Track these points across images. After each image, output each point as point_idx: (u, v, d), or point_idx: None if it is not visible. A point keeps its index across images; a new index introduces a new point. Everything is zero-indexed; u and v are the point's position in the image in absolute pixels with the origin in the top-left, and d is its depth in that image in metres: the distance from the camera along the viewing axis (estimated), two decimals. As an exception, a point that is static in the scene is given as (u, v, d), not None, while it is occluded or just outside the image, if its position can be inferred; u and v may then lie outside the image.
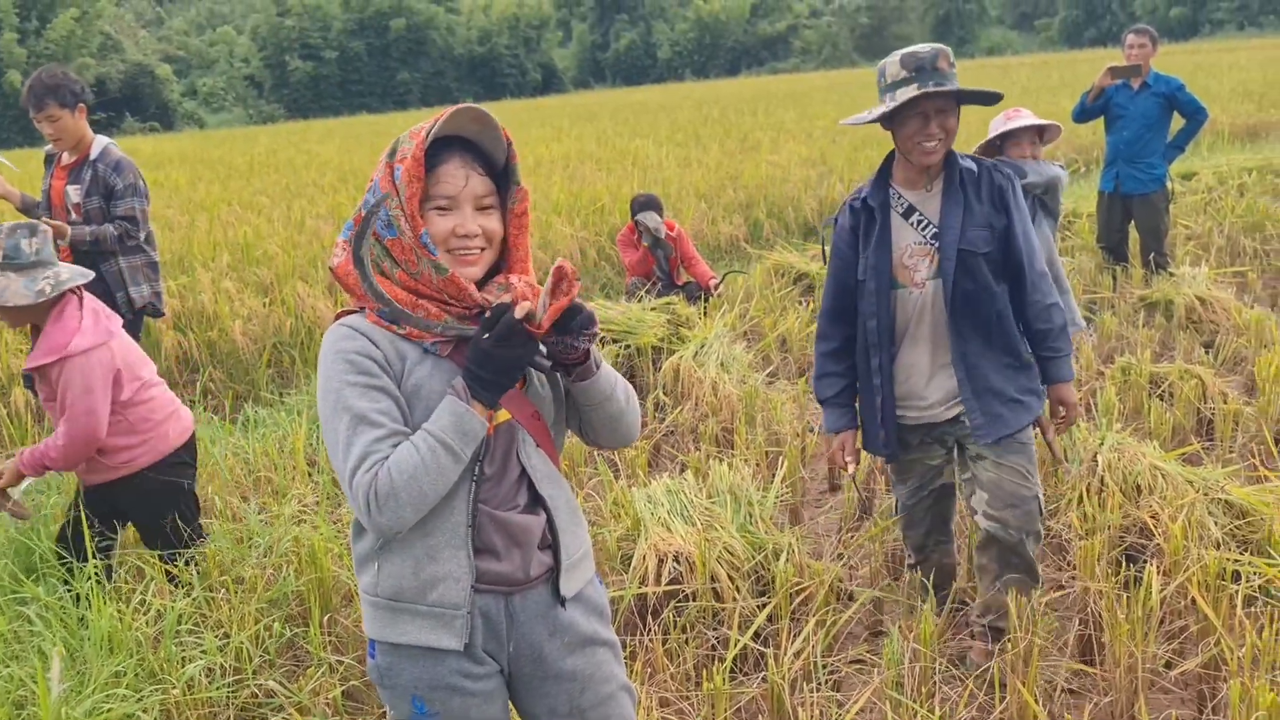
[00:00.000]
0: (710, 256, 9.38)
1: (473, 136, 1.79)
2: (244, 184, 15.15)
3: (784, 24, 79.35)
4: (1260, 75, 23.59)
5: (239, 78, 65.93)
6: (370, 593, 1.83)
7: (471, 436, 1.69)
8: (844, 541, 3.97)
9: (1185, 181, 10.43)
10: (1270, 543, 3.25)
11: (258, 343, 6.74)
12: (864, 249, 2.94)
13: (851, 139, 15.37)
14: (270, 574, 3.46)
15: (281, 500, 4.04)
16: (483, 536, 1.80)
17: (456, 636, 1.79)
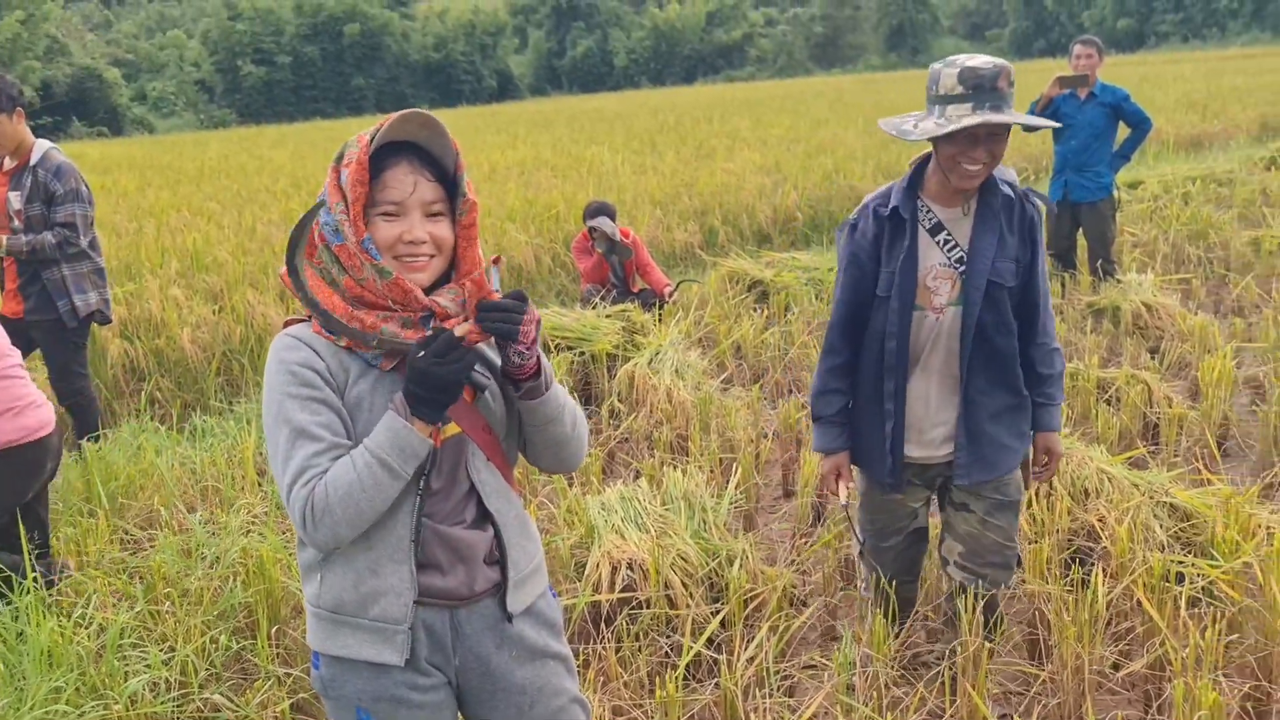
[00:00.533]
0: (665, 264, 9.39)
1: (422, 142, 1.76)
2: (194, 190, 14.94)
3: (739, 33, 79.81)
4: (1204, 86, 24.11)
5: (189, 82, 65.07)
6: (314, 603, 1.80)
7: (410, 454, 1.67)
8: (797, 547, 3.98)
9: (1131, 190, 10.61)
10: (1213, 544, 3.30)
11: (207, 351, 6.65)
12: (887, 262, 2.72)
13: (806, 146, 15.48)
14: (217, 586, 3.40)
15: (229, 511, 3.98)
16: (427, 551, 1.77)
17: (397, 652, 1.76)
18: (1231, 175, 11.43)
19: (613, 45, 79.45)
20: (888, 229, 2.73)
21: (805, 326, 6.56)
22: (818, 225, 11.12)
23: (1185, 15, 70.74)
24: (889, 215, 2.73)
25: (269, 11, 66.09)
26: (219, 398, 6.26)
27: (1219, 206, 9.94)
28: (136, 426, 5.17)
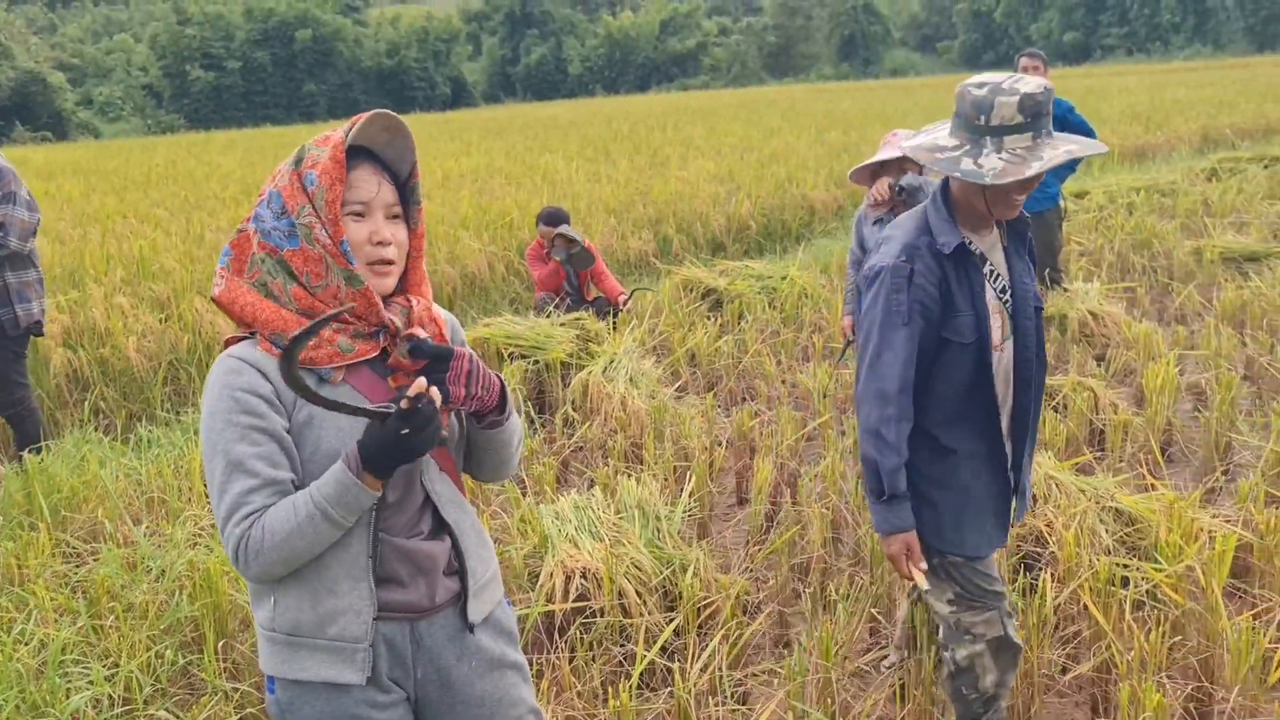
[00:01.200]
0: (620, 272, 9.40)
1: (379, 147, 1.75)
2: (141, 196, 14.70)
3: (693, 41, 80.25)
4: (1147, 99, 24.62)
5: (137, 87, 64.14)
6: (267, 628, 1.75)
7: (355, 507, 1.65)
8: (751, 554, 3.99)
9: (1078, 200, 10.80)
10: (1156, 549, 3.36)
11: (153, 360, 6.53)
12: (964, 305, 2.44)
13: (759, 155, 15.59)
14: (163, 599, 3.34)
15: (176, 523, 3.91)
16: (385, 566, 1.75)
17: (358, 671, 1.73)
18: (1174, 186, 11.68)
19: (567, 53, 79.51)
20: (951, 268, 2.45)
21: (759, 335, 6.59)
22: (771, 234, 11.19)
23: (1130, 29, 72.27)
24: (955, 253, 2.44)
25: (218, 16, 65.37)
26: (165, 408, 6.15)
27: (1162, 216, 10.15)
28: (80, 437, 5.07)
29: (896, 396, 2.44)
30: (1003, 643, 2.57)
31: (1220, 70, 41.72)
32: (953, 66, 78.42)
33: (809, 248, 10.07)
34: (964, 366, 2.47)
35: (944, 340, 2.45)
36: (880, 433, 2.43)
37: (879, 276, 2.46)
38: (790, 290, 7.45)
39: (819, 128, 20.77)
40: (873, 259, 2.52)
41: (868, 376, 2.47)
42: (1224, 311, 6.63)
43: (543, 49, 79.64)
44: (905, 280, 2.43)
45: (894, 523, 2.47)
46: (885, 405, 2.43)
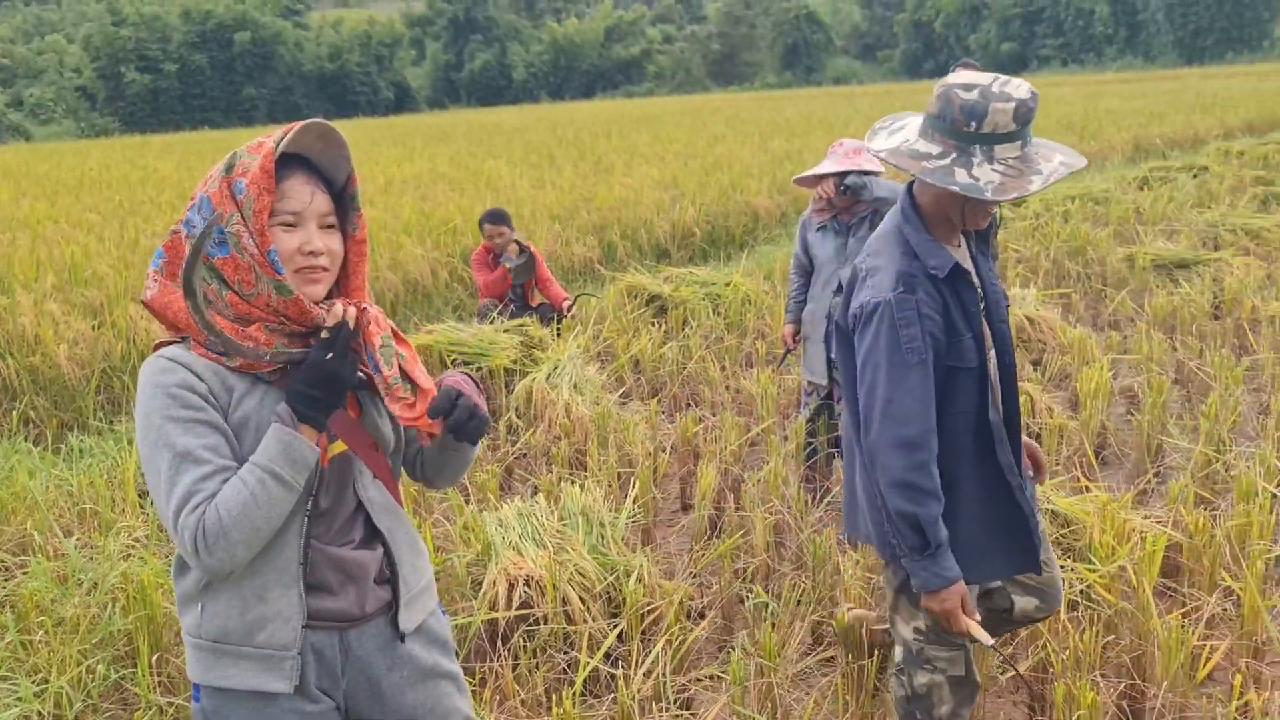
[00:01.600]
0: (564, 278, 9.38)
1: (314, 155, 1.73)
2: (73, 201, 14.38)
3: (638, 49, 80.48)
4: (1082, 109, 25.17)
5: (69, 89, 62.74)
6: (194, 634, 1.72)
7: (302, 463, 1.63)
8: (695, 559, 4.00)
9: (1014, 208, 11.00)
10: (1090, 550, 3.43)
11: (85, 368, 6.38)
12: (965, 327, 2.31)
13: (703, 162, 15.66)
14: (95, 613, 3.26)
15: (108, 534, 3.82)
16: (315, 573, 1.73)
17: (286, 679, 1.70)
18: (1107, 194, 11.95)
19: (511, 59, 79.31)
20: (948, 291, 2.31)
21: (703, 341, 6.62)
22: (715, 240, 11.24)
23: (1065, 40, 73.86)
24: (951, 274, 2.30)
25: (155, 18, 64.19)
26: (98, 417, 6.02)
27: (1096, 224, 10.38)
28: (9, 447, 4.94)
29: (923, 441, 2.24)
30: (963, 680, 2.49)
31: (1151, 82, 42.81)
32: (894, 75, 79.55)
33: (753, 254, 10.14)
34: (969, 393, 2.32)
35: (949, 369, 2.30)
36: (913, 482, 2.23)
37: (877, 313, 2.26)
38: (734, 296, 7.49)
39: (763, 135, 20.93)
40: (862, 295, 2.32)
41: (882, 425, 2.25)
42: (1155, 317, 6.79)
43: (487, 54, 79.34)
44: (913, 313, 2.24)
45: (946, 575, 2.26)
46: (912, 452, 2.23)
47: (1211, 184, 12.49)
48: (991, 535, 2.39)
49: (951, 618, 2.28)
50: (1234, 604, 3.38)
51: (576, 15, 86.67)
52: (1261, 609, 3.12)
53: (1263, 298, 6.99)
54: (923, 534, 2.24)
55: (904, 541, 2.27)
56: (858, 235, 4.25)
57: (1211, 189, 12.05)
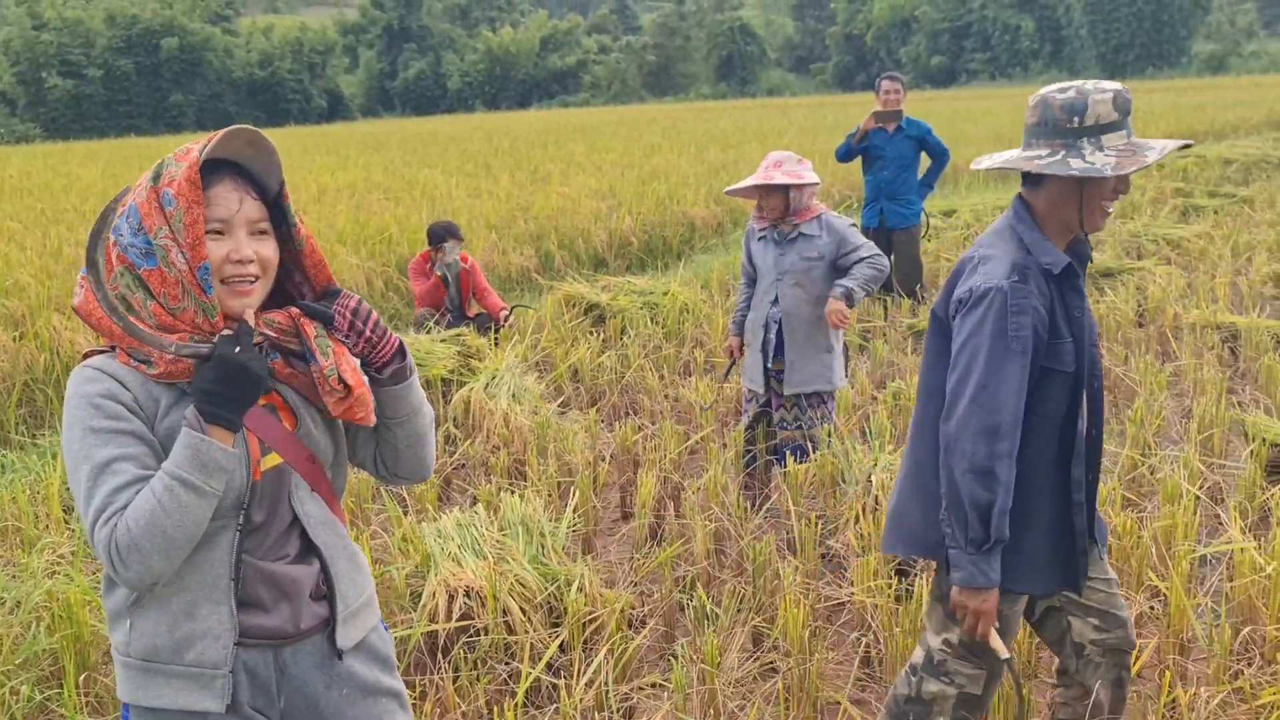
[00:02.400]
0: (501, 287, 9.34)
1: (244, 161, 1.68)
2: (-7, 209, 13.96)
3: (574, 59, 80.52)
4: (1009, 121, 25.70)
5: (-12, 94, 60.94)
6: (123, 652, 1.67)
7: (215, 467, 1.56)
8: (635, 568, 4.00)
9: (946, 218, 11.21)
10: (1024, 552, 3.49)
11: (6, 380, 6.20)
12: (1068, 329, 2.28)
13: (640, 172, 15.71)
14: (18, 632, 3.16)
15: (32, 551, 3.71)
16: (247, 589, 1.68)
17: (217, 698, 1.65)
18: (1034, 205, 12.21)
19: (446, 68, 78.85)
20: (1056, 290, 2.28)
21: (641, 350, 6.63)
22: (652, 250, 11.28)
23: (992, 55, 75.45)
24: (1064, 273, 2.28)
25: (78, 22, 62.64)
26: (20, 430, 5.84)
27: (1024, 234, 10.59)
28: (-75, 463, 4.77)
29: (1010, 431, 2.20)
30: (972, 701, 2.42)
31: (1075, 96, 43.85)
32: (826, 87, 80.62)
33: (690, 263, 10.19)
34: (1060, 398, 2.29)
35: (1044, 369, 2.26)
36: (994, 471, 2.18)
37: (987, 298, 2.22)
38: (672, 305, 7.52)
39: (699, 145, 21.06)
40: (972, 280, 2.28)
41: (970, 410, 2.21)
42: (1082, 324, 6.95)
43: (421, 63, 78.77)
44: (1026, 302, 2.21)
45: (990, 576, 2.21)
46: (996, 440, 2.19)
47: (1134, 195, 12.85)
48: (1051, 548, 2.34)
49: (983, 620, 2.23)
50: (1161, 603, 3.47)
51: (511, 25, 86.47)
52: (1187, 607, 3.20)
53: (1184, 306, 7.20)
54: (987, 527, 2.20)
55: (964, 532, 2.21)
56: (794, 247, 4.30)
57: (1134, 200, 12.40)
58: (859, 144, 7.46)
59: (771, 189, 4.25)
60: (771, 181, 4.20)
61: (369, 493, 4.48)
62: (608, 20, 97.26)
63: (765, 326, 4.37)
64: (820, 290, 4.28)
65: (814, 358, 4.32)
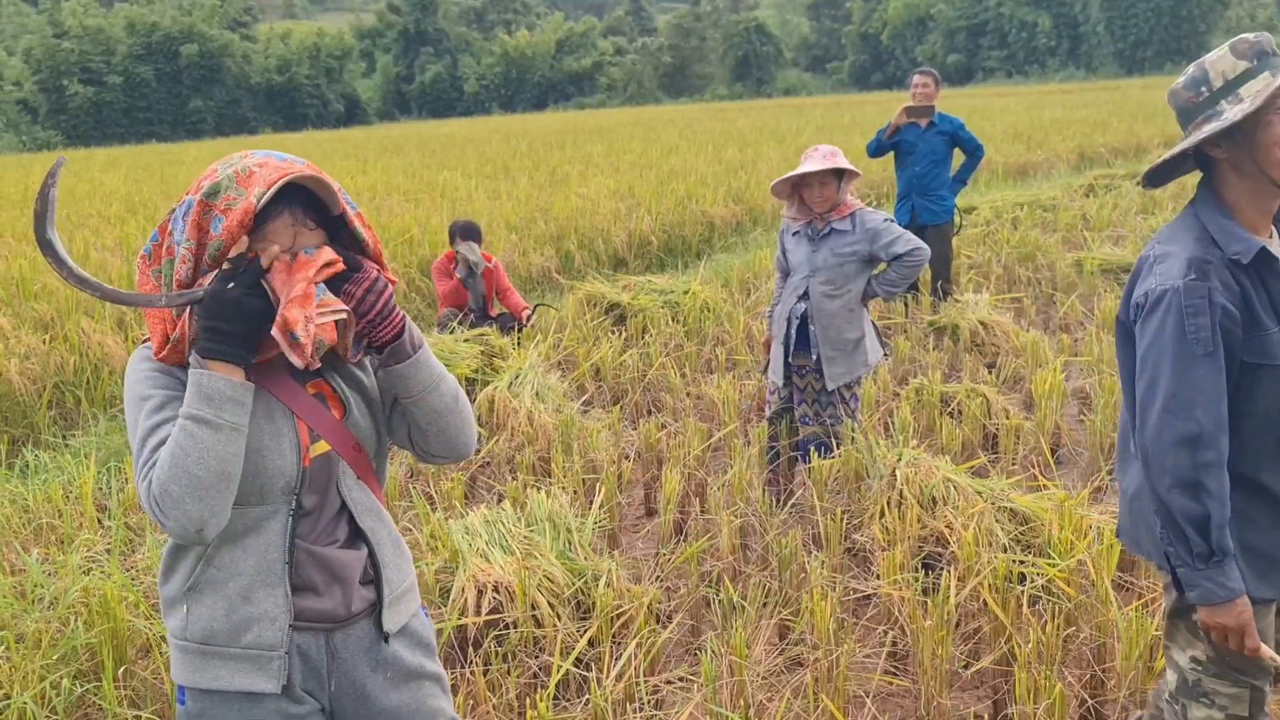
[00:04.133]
0: (522, 287, 9.39)
1: (306, 184, 1.68)
2: (17, 215, 14.11)
3: (590, 61, 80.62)
4: (1027, 118, 25.63)
5: (10, 102, 61.48)
6: (179, 636, 1.72)
7: (220, 398, 1.57)
8: (661, 564, 4.03)
9: (966, 215, 11.17)
10: (1050, 545, 3.50)
11: (37, 383, 6.28)
12: (1272, 320, 2.11)
13: (658, 172, 15.74)
14: (56, 628, 3.21)
15: (68, 549, 3.76)
16: (301, 573, 1.73)
17: (273, 679, 1.71)
18: (1055, 201, 12.19)
19: (462, 71, 79.08)
20: (1249, 280, 2.11)
21: (663, 348, 6.65)
22: (672, 249, 11.31)
23: (1009, 52, 75.10)
24: (1251, 262, 2.10)
25: (98, 30, 63.17)
26: (52, 431, 5.91)
27: (1044, 230, 10.58)
28: (-40, 464, 4.84)
29: (1212, 438, 2.04)
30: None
31: (1093, 92, 43.68)
32: (842, 86, 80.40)
33: (710, 262, 10.21)
34: (1272, 392, 2.11)
35: (1246, 365, 2.10)
36: (1200, 482, 2.03)
37: (1163, 301, 2.08)
38: (693, 304, 7.54)
39: (716, 145, 21.07)
40: (1147, 282, 2.15)
41: (1163, 421, 2.06)
42: (1105, 319, 6.94)
43: (438, 67, 79.03)
44: (1204, 301, 2.05)
45: (1231, 587, 2.04)
46: (1197, 450, 2.03)
47: (1155, 191, 12.78)
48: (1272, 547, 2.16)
49: (1241, 633, 2.06)
50: (1188, 595, 3.47)
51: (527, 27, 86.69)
52: (1215, 599, 3.20)
53: None
54: (1208, 539, 2.03)
55: (1184, 549, 2.06)
56: (826, 243, 4.31)
57: (1155, 196, 12.33)
58: (890, 139, 7.43)
59: (828, 176, 4.25)
60: (836, 166, 4.20)
61: (396, 489, 4.53)
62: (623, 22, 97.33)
63: (789, 321, 4.39)
64: (851, 286, 4.30)
65: (850, 349, 4.35)
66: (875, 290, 4.35)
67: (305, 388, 1.76)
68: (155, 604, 3.34)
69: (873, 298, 4.37)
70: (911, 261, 4.27)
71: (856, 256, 4.29)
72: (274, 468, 1.68)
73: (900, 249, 4.26)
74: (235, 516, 1.67)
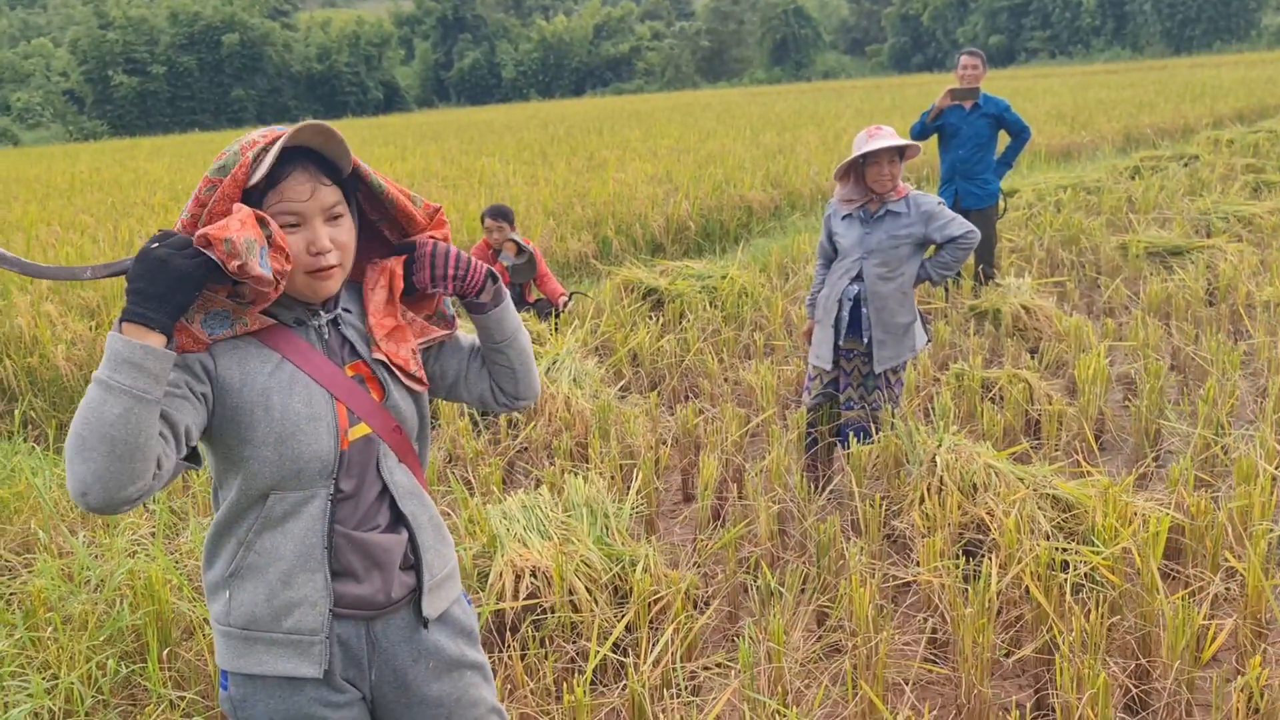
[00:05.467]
0: (560, 273, 9.39)
1: (316, 146, 1.68)
2: (65, 203, 14.34)
3: (627, 46, 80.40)
4: (1071, 100, 25.22)
5: (57, 93, 62.53)
6: (222, 622, 1.73)
7: (115, 359, 1.46)
8: (698, 549, 4.02)
9: (1007, 198, 11.03)
10: (1094, 533, 3.45)
11: (83, 369, 6.38)
12: None
13: (696, 157, 15.67)
14: (102, 609, 3.26)
15: (113, 532, 3.82)
16: (341, 559, 1.72)
17: (315, 664, 1.70)
18: (1099, 184, 11.99)
19: (500, 57, 79.18)
20: None
21: (700, 334, 6.63)
22: (709, 234, 11.26)
23: (1052, 32, 73.93)
24: None
25: (142, 20, 63.96)
26: (98, 417, 6.01)
27: (1088, 213, 10.41)
28: (9, 448, 4.93)
29: None
30: None
31: (1139, 72, 42.92)
32: (882, 69, 79.61)
33: (748, 247, 10.15)
34: None
35: None
36: None
37: None
38: (731, 289, 7.51)
39: (754, 130, 20.94)
40: None
41: None
42: (1150, 304, 6.82)
43: (476, 53, 79.20)
44: None
45: None
46: None
47: (1202, 172, 12.54)
48: None
49: None
50: (1238, 584, 3.41)
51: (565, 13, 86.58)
52: (1265, 588, 3.14)
53: (1257, 283, 7.02)
54: None
55: None
56: (882, 226, 4.27)
57: (1203, 177, 12.10)
58: (934, 122, 7.32)
59: (895, 153, 4.21)
60: (905, 143, 4.16)
61: (434, 475, 4.55)
62: (661, 6, 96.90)
63: (840, 303, 4.35)
64: (905, 269, 4.28)
65: (901, 333, 4.32)
66: (928, 273, 4.33)
67: (344, 369, 1.75)
68: (198, 587, 3.39)
69: (924, 280, 4.33)
70: (964, 244, 4.23)
71: (911, 239, 4.25)
72: (310, 451, 1.67)
73: (955, 231, 4.22)
74: (274, 501, 1.67)
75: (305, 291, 1.69)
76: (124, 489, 1.46)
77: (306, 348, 1.72)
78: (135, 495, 1.48)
